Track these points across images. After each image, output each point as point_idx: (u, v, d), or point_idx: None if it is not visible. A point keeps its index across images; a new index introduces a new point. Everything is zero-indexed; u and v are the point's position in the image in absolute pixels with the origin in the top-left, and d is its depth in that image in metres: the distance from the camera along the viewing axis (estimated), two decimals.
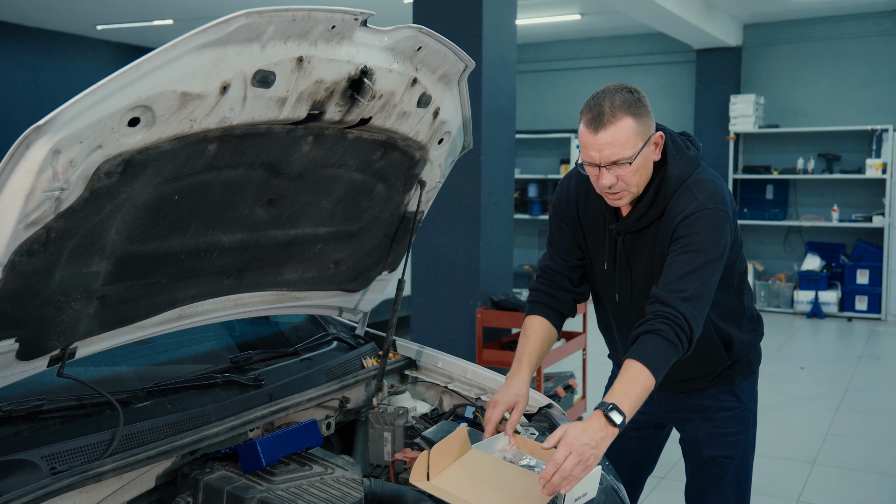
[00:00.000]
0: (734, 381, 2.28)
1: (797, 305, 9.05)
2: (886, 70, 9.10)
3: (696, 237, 1.96)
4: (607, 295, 2.22)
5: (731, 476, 2.31)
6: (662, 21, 8.16)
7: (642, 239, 2.09)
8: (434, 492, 1.78)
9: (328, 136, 1.78)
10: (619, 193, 1.99)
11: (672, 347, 1.87)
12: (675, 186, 2.03)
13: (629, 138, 1.91)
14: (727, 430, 2.28)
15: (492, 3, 4.75)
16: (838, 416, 5.35)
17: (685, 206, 2.00)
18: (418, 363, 2.45)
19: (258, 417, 1.91)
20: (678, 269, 1.94)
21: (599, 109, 1.91)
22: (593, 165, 1.95)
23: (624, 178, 1.95)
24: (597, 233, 2.18)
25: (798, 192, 9.52)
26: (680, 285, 1.91)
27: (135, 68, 1.32)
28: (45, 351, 1.56)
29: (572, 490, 1.71)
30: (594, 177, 1.98)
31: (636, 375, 1.83)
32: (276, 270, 2.06)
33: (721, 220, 1.99)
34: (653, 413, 2.37)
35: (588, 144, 1.93)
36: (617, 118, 1.89)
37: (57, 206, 1.35)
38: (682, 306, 1.89)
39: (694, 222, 1.97)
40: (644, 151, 1.95)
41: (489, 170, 4.83)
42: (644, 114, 1.94)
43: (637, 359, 1.85)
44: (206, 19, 2.90)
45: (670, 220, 2.01)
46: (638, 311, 2.07)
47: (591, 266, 2.23)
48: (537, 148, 10.93)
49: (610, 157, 1.91)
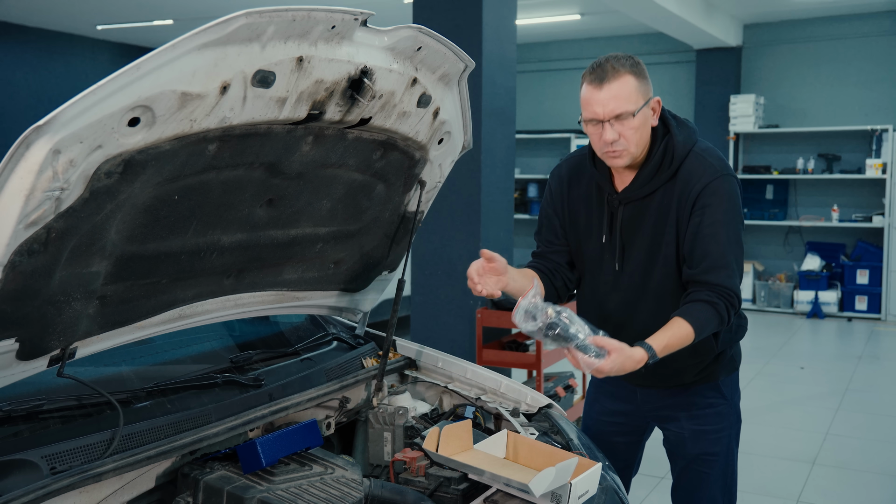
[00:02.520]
0: (719, 377, 2.29)
1: (797, 305, 9.05)
2: (886, 70, 9.11)
3: (722, 207, 2.05)
4: (604, 268, 2.22)
5: (718, 473, 2.31)
6: (662, 21, 8.16)
7: (645, 207, 2.13)
8: (443, 461, 1.85)
9: (328, 136, 1.78)
10: (619, 152, 2.04)
11: (719, 320, 2.03)
12: (682, 152, 2.09)
13: (631, 94, 1.99)
14: (712, 427, 2.29)
15: (492, 3, 4.75)
16: (838, 416, 5.36)
17: (702, 171, 2.07)
18: (418, 363, 2.46)
19: (258, 417, 1.91)
20: (716, 246, 2.03)
21: (602, 68, 2.00)
22: (597, 122, 2.01)
23: (625, 134, 2.01)
24: (590, 210, 2.22)
25: (798, 192, 9.52)
26: (723, 261, 2.03)
27: (135, 68, 1.32)
28: (45, 351, 1.56)
29: (576, 488, 1.72)
30: (596, 135, 2.04)
31: (680, 331, 1.97)
32: (276, 270, 2.06)
33: (736, 187, 2.10)
34: (636, 413, 2.38)
35: (591, 100, 2.00)
36: (620, 74, 1.98)
37: (57, 206, 1.35)
38: (731, 282, 2.03)
39: (716, 191, 2.05)
40: (645, 111, 2.02)
41: (489, 170, 4.83)
42: (644, 76, 2.03)
43: (684, 317, 1.98)
44: (206, 19, 2.91)
45: (688, 186, 2.07)
46: (635, 280, 2.14)
47: (582, 248, 2.26)
48: (537, 148, 10.93)
49: (614, 111, 1.98)
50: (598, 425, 2.46)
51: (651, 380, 2.26)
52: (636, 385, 2.34)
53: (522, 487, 1.73)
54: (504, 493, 1.82)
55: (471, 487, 1.83)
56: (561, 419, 2.24)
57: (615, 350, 1.88)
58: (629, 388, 2.36)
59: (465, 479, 1.85)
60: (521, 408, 2.27)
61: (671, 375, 2.26)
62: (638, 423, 2.41)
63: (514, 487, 1.77)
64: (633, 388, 2.36)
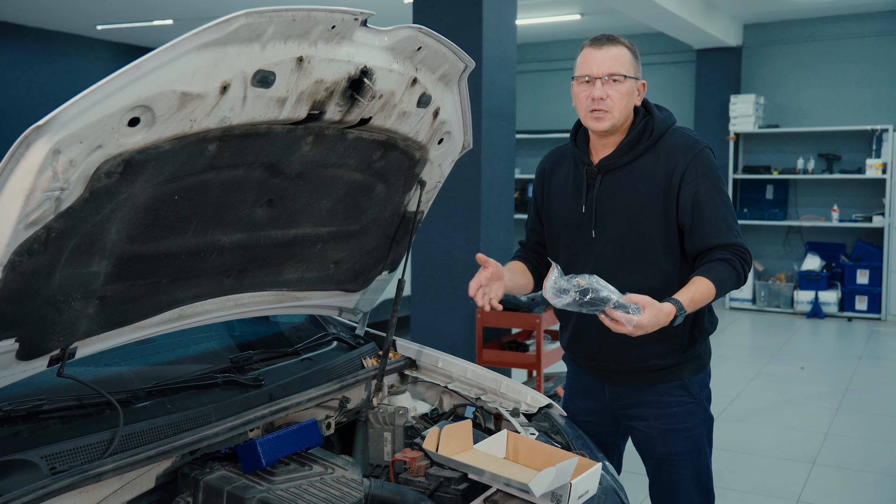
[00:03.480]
0: (684, 376, 2.29)
1: (797, 305, 9.04)
2: (886, 70, 9.10)
3: (713, 176, 2.18)
4: (581, 238, 2.29)
5: (690, 472, 2.31)
6: (662, 21, 8.16)
7: (625, 176, 2.23)
8: (443, 461, 1.85)
9: (328, 136, 1.78)
10: (603, 113, 2.16)
11: (736, 275, 2.12)
12: (662, 128, 2.23)
13: (626, 62, 2.17)
14: (681, 427, 2.29)
15: (492, 3, 4.75)
16: (838, 416, 5.36)
17: (685, 143, 2.21)
18: (418, 363, 2.46)
19: (258, 417, 1.91)
20: (715, 212, 2.15)
21: (604, 37, 2.18)
22: (589, 80, 2.16)
23: (612, 96, 2.14)
24: (568, 186, 2.33)
25: (798, 192, 9.52)
26: (725, 224, 2.15)
27: (135, 68, 1.32)
28: (45, 351, 1.56)
29: (576, 488, 1.72)
30: (585, 94, 2.17)
31: (702, 287, 2.06)
32: (276, 270, 2.06)
33: (714, 158, 2.27)
34: (605, 411, 2.38)
35: (588, 59, 2.17)
36: (618, 44, 2.18)
37: (57, 206, 1.35)
38: (738, 239, 2.15)
39: (704, 161, 2.18)
40: (633, 82, 2.18)
41: (489, 170, 4.83)
42: (637, 58, 2.21)
43: (704, 275, 2.08)
44: (206, 19, 2.91)
45: (672, 157, 2.19)
46: (612, 248, 2.22)
47: (557, 223, 2.35)
48: (537, 148, 10.93)
49: (609, 69, 2.14)
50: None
51: (618, 374, 2.30)
52: (604, 381, 2.35)
53: (522, 487, 1.73)
54: (504, 493, 1.82)
55: (471, 487, 1.83)
56: (561, 419, 2.24)
57: (648, 304, 1.93)
58: (597, 384, 2.37)
59: (465, 479, 1.85)
60: (521, 408, 2.27)
61: (636, 359, 2.25)
62: (608, 421, 2.41)
63: (514, 487, 1.77)
64: (601, 385, 2.37)
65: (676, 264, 2.22)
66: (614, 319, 1.93)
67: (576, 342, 2.37)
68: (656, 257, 2.21)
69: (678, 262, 2.22)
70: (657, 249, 2.20)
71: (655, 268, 2.20)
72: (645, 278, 2.17)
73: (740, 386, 6.02)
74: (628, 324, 1.91)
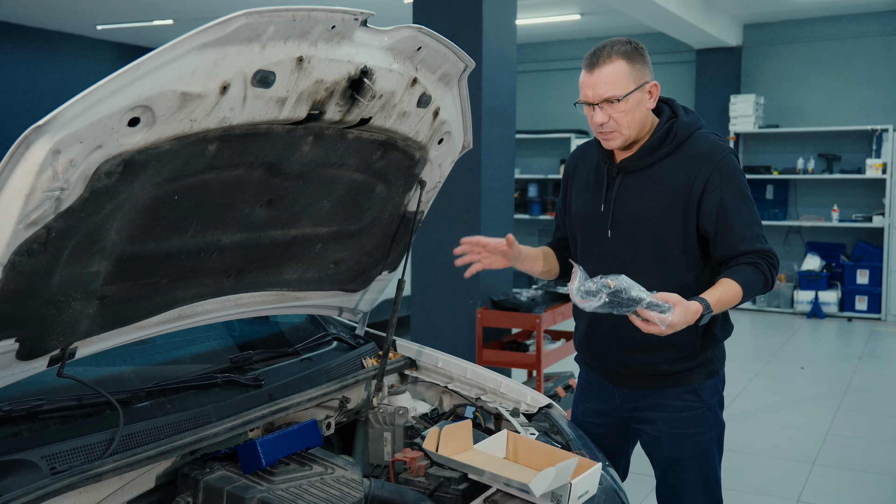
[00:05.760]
0: (695, 381, 2.26)
1: (797, 305, 9.04)
2: (886, 70, 9.10)
3: (738, 182, 2.17)
4: (598, 236, 2.29)
5: (697, 478, 2.28)
6: (662, 21, 8.16)
7: (646, 178, 2.21)
8: (443, 461, 1.85)
9: (328, 136, 1.78)
10: (609, 133, 2.16)
11: (764, 279, 2.11)
12: (686, 132, 2.20)
13: (620, 79, 2.10)
14: (689, 432, 2.26)
15: (492, 3, 4.75)
16: (838, 416, 5.36)
17: (710, 148, 2.18)
18: (418, 363, 2.46)
19: (258, 417, 1.91)
20: (741, 218, 2.14)
21: (596, 55, 2.12)
22: (588, 105, 2.15)
23: (614, 117, 2.12)
24: (590, 182, 2.33)
25: (798, 192, 9.52)
26: (752, 231, 2.14)
27: (135, 68, 1.32)
28: (45, 351, 1.56)
29: (576, 488, 1.72)
30: (590, 118, 2.17)
31: (729, 288, 2.05)
32: (276, 270, 2.06)
33: (739, 163, 2.25)
34: (615, 413, 2.37)
35: (584, 84, 2.14)
36: (611, 60, 2.10)
37: (57, 206, 1.35)
38: (765, 245, 2.15)
39: (729, 167, 2.17)
40: (636, 95, 2.12)
41: (489, 170, 4.83)
42: (638, 61, 2.13)
43: (731, 277, 2.07)
44: (206, 19, 2.91)
45: (697, 162, 2.17)
46: (627, 249, 2.22)
47: (579, 218, 2.35)
48: (537, 148, 10.93)
49: (602, 95, 2.10)
50: (582, 426, 2.45)
51: (626, 370, 2.28)
52: (613, 384, 2.34)
53: (522, 487, 1.73)
54: (504, 493, 1.82)
55: (471, 487, 1.83)
56: (561, 419, 2.24)
57: (678, 302, 1.91)
58: (608, 386, 2.36)
59: (465, 479, 1.85)
60: (521, 408, 2.27)
61: (645, 363, 2.24)
62: (617, 424, 2.39)
63: (514, 487, 1.77)
64: (611, 388, 2.35)
65: (694, 272, 2.19)
66: (646, 319, 1.89)
67: (587, 343, 2.36)
68: (672, 263, 2.18)
69: (697, 269, 2.19)
70: (673, 255, 2.18)
71: (670, 274, 2.17)
72: (659, 283, 2.05)
73: (740, 386, 6.01)
74: (661, 323, 1.87)
